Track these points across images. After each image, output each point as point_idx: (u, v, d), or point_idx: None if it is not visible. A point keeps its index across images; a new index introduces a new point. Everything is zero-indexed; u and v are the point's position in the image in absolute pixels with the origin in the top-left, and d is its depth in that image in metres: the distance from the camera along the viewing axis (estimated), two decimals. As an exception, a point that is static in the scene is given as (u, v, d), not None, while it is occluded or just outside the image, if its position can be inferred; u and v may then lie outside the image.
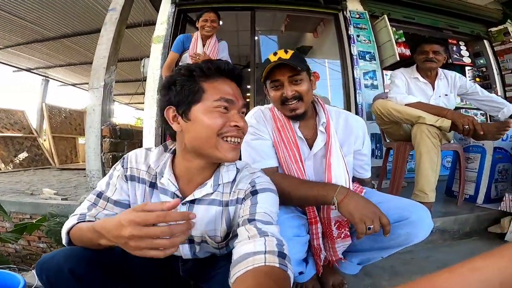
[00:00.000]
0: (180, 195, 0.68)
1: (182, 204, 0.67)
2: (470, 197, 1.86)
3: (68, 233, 0.63)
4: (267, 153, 0.96)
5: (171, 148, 0.74)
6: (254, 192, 0.66)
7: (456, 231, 1.55)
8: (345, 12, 3.03)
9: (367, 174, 1.11)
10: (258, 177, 0.70)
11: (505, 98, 3.24)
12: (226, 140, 0.64)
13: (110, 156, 2.39)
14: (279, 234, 0.57)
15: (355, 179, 1.09)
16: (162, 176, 0.68)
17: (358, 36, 2.97)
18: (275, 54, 0.92)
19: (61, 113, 6.10)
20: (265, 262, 0.48)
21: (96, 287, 0.60)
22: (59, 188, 2.79)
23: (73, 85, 8.70)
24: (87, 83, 2.96)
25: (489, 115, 3.06)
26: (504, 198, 1.62)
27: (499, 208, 1.63)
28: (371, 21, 3.05)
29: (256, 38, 3.61)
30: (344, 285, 1.05)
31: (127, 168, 0.71)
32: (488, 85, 3.45)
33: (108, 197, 0.69)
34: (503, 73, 3.45)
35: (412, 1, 3.13)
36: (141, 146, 2.62)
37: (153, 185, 0.70)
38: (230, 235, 0.70)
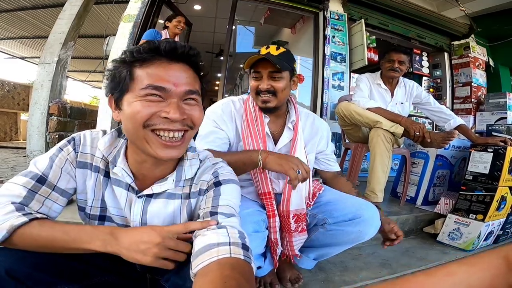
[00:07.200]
0: (137, 188, 0.62)
1: (138, 197, 0.61)
2: (411, 199, 2.03)
3: (12, 231, 0.48)
4: (215, 141, 0.97)
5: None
6: (217, 184, 0.63)
7: (397, 230, 1.68)
8: (325, 12, 3.05)
9: (336, 167, 1.17)
10: (221, 167, 0.67)
11: (452, 109, 3.53)
12: (158, 134, 0.55)
13: (57, 136, 2.17)
14: (240, 226, 0.56)
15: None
16: (115, 165, 0.60)
17: (333, 37, 3.03)
18: (267, 47, 0.96)
19: (4, 87, 5.34)
20: (230, 254, 0.47)
21: None
22: (-6, 169, 2.47)
23: (22, 58, 7.73)
24: (39, 57, 2.62)
25: (436, 125, 3.29)
26: (439, 202, 1.79)
27: (435, 210, 1.80)
28: (348, 24, 3.11)
29: (233, 27, 3.50)
30: (300, 280, 1.10)
31: (78, 153, 0.62)
32: (439, 96, 3.71)
33: (54, 185, 0.58)
34: (454, 85, 3.71)
35: (391, 8, 3.23)
36: (94, 126, 2.40)
37: (108, 175, 0.62)
38: None
